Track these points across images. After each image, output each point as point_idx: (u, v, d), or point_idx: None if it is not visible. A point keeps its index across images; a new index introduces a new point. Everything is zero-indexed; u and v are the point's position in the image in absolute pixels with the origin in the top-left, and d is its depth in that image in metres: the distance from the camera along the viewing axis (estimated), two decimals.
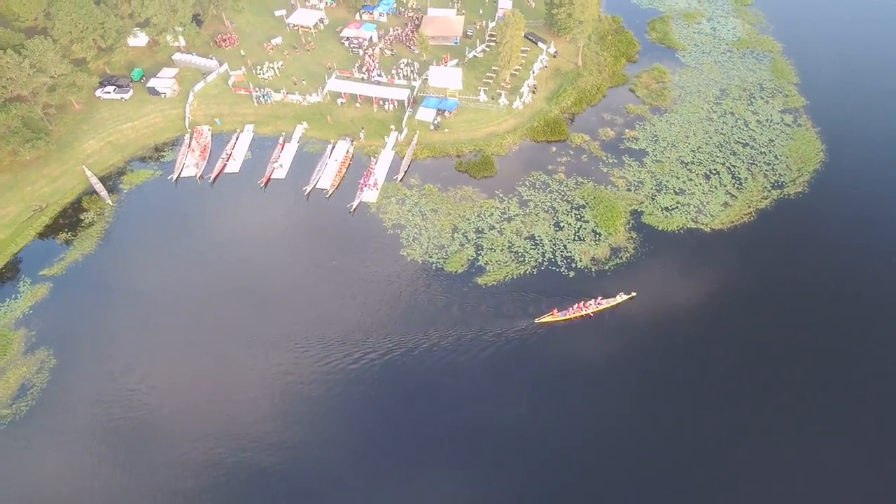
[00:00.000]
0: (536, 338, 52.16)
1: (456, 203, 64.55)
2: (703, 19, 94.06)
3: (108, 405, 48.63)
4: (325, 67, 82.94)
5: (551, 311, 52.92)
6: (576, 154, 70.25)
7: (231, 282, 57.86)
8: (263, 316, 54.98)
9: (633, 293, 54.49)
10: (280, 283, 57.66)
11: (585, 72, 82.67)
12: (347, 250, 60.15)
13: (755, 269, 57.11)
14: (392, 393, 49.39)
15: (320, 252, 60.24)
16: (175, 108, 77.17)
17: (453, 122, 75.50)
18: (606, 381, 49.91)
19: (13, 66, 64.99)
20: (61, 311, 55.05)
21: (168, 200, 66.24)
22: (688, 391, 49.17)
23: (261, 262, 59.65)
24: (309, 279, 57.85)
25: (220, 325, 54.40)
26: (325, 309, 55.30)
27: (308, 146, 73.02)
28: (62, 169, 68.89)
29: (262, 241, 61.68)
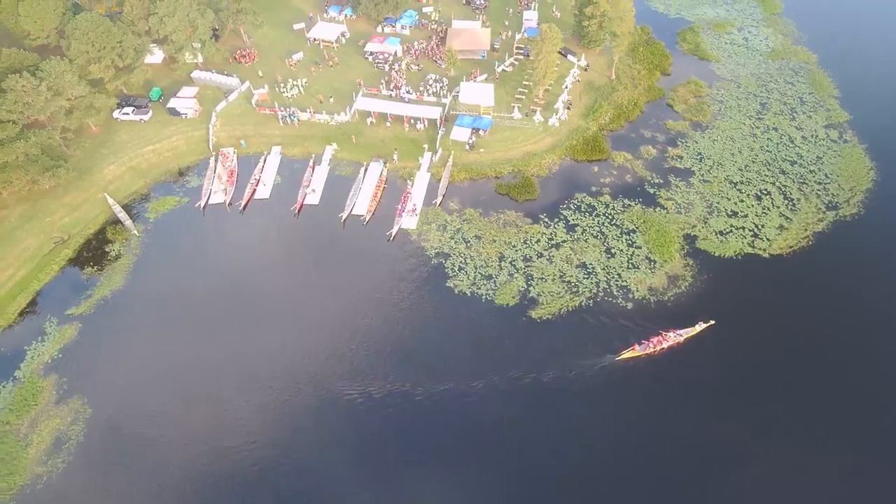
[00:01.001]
0: (620, 375, 49.43)
1: (500, 229, 61.83)
2: (734, 29, 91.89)
3: (149, 459, 45.65)
4: (351, 84, 79.98)
5: (631, 347, 50.54)
6: (619, 174, 67.74)
7: (270, 318, 54.85)
8: (307, 355, 52.03)
9: (711, 321, 52.16)
10: (321, 319, 54.74)
11: (620, 86, 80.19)
12: (391, 282, 57.28)
13: (824, 295, 54.62)
14: (456, 439, 46.72)
15: (362, 284, 57.27)
16: (197, 129, 73.94)
17: (488, 141, 72.76)
18: (706, 416, 47.34)
19: (30, 90, 61.60)
20: (93, 353, 51.85)
21: (197, 230, 63.08)
22: (797, 426, 46.67)
23: (300, 295, 56.71)
24: (352, 314, 54.85)
25: (261, 365, 51.42)
26: (372, 346, 52.42)
27: (339, 169, 70.05)
28: (83, 197, 65.54)
29: (300, 273, 58.67)
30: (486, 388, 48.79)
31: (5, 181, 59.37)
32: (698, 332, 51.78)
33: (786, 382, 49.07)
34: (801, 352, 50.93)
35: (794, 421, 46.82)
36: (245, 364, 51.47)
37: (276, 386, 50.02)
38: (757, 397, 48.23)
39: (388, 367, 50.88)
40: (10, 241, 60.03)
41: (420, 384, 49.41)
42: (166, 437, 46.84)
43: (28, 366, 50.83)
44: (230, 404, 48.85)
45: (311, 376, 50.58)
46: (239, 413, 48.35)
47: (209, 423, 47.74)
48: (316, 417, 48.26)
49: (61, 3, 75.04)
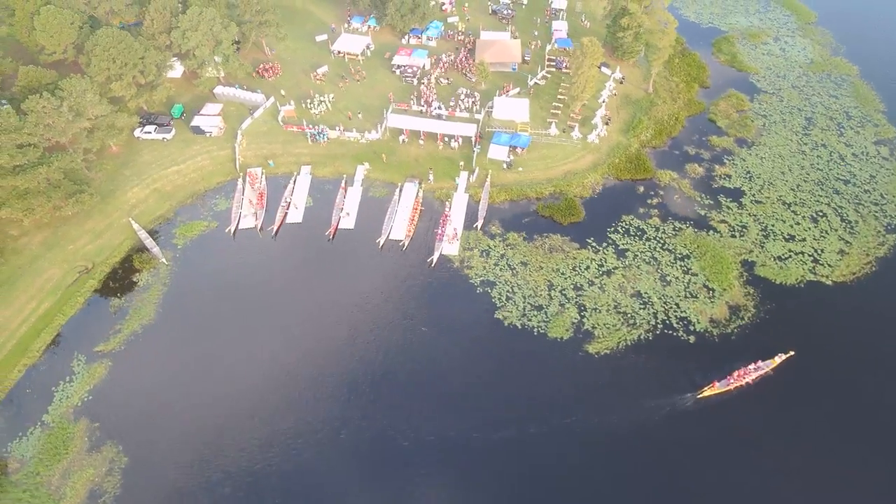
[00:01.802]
0: (704, 416, 46.63)
1: (546, 255, 58.98)
2: (770, 39, 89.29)
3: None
4: (380, 99, 76.83)
5: (711, 384, 47.81)
6: (666, 194, 64.98)
7: (309, 352, 51.90)
8: (351, 391, 49.12)
9: (790, 352, 49.60)
10: (363, 353, 51.75)
11: (658, 100, 77.46)
12: (436, 313, 54.36)
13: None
14: (514, 494, 43.73)
15: (405, 315, 54.34)
16: (223, 148, 70.91)
17: (526, 159, 69.89)
18: (802, 453, 44.79)
19: (51, 111, 58.49)
20: (125, 394, 48.78)
21: (228, 257, 60.01)
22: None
23: (339, 328, 53.65)
24: (397, 349, 51.89)
25: (303, 403, 48.49)
26: (418, 385, 49.46)
27: (373, 190, 67.09)
28: (106, 222, 62.45)
29: (338, 303, 55.59)
30: (549, 434, 45.89)
31: (27, 208, 56.23)
32: (778, 364, 49.17)
33: (877, 416, 46.53)
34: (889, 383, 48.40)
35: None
36: (290, 404, 48.48)
37: (320, 426, 47.05)
38: (855, 433, 45.73)
39: (437, 409, 47.94)
40: (32, 272, 56.93)
41: (474, 429, 46.45)
42: (208, 487, 43.91)
43: (56, 409, 47.74)
44: (276, 447, 45.91)
45: (357, 415, 47.66)
46: (286, 456, 45.44)
47: (255, 469, 44.77)
48: (362, 459, 45.39)
49: (78, 17, 72.01)
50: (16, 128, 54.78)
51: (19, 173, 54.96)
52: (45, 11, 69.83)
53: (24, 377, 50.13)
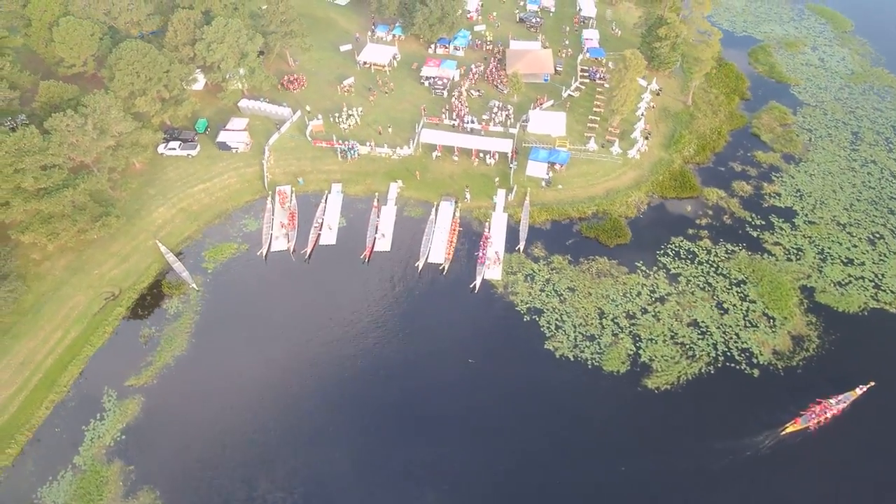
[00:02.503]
0: (792, 453, 44.08)
1: (594, 280, 56.42)
2: (807, 48, 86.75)
3: None
4: (409, 112, 74.25)
5: (793, 421, 45.34)
6: (715, 214, 62.40)
7: (350, 384, 49.32)
8: (397, 430, 46.55)
9: (871, 382, 47.23)
10: (407, 387, 49.19)
11: (699, 113, 74.86)
12: (481, 343, 51.80)
13: None
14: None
15: (449, 345, 51.76)
16: (250, 164, 68.25)
17: (565, 176, 67.28)
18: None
19: (75, 130, 55.85)
20: (161, 434, 46.19)
21: (261, 282, 57.36)
22: None
23: (381, 359, 51.04)
24: (443, 384, 49.29)
25: (346, 443, 45.94)
26: (470, 423, 46.77)
27: (408, 209, 64.45)
28: (132, 245, 59.81)
29: (378, 331, 52.96)
30: (611, 479, 43.32)
31: (51, 233, 53.51)
32: (858, 395, 46.75)
33: None
34: None
35: None
36: (333, 440, 45.92)
37: (366, 464, 44.52)
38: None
39: (490, 452, 45.25)
40: (56, 299, 54.29)
41: (526, 472, 43.93)
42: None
43: (88, 450, 45.11)
44: (322, 484, 43.34)
45: (403, 452, 45.09)
46: (332, 493, 42.88)
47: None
48: (409, 499, 42.90)
49: (98, 28, 69.35)
50: (40, 149, 52.05)
51: (44, 196, 52.26)
52: (64, 22, 67.19)
53: (52, 414, 47.51)
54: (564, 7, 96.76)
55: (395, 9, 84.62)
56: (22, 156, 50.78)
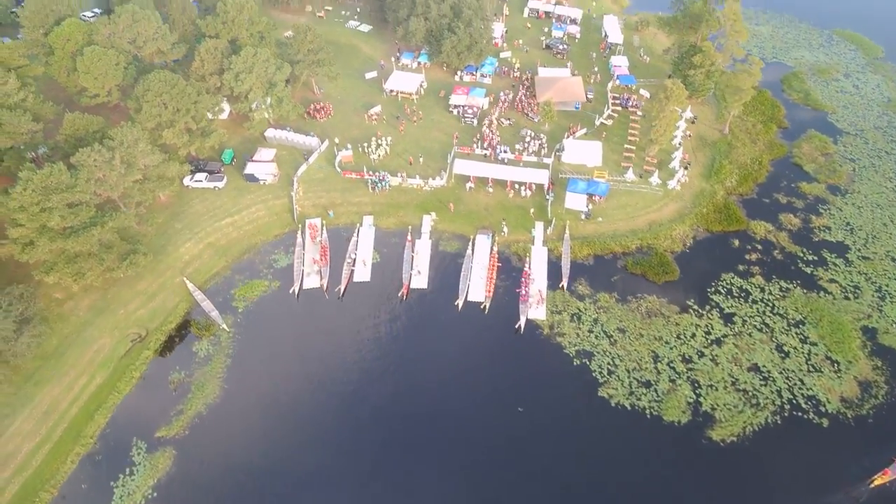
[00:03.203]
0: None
1: (644, 319, 53.82)
2: (840, 75, 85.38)
3: None
4: (439, 141, 72.28)
5: (883, 472, 42.37)
6: (765, 249, 60.03)
7: (394, 434, 46.34)
8: (441, 483, 43.48)
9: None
10: (453, 436, 46.19)
11: (737, 142, 72.95)
12: (530, 389, 48.90)
13: None
14: None
15: (496, 391, 48.91)
16: (278, 197, 66.07)
17: (604, 208, 65.09)
18: None
19: (102, 164, 53.72)
20: (195, 491, 43.03)
21: (295, 323, 54.72)
22: None
23: (423, 405, 48.13)
24: (492, 434, 46.25)
25: (390, 493, 42.89)
26: (524, 480, 43.71)
27: (443, 243, 62.10)
28: (158, 282, 57.29)
29: (419, 375, 50.10)
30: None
31: (77, 273, 50.95)
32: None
33: None
34: None
35: None
36: (378, 490, 42.90)
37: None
38: None
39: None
40: (80, 342, 51.56)
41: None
42: None
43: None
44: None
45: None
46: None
47: None
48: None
49: (123, 58, 67.81)
50: (67, 186, 49.78)
51: (70, 235, 49.85)
52: (89, 52, 65.57)
53: (78, 469, 44.46)
54: (590, 33, 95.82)
55: (421, 37, 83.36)
56: (49, 194, 48.48)
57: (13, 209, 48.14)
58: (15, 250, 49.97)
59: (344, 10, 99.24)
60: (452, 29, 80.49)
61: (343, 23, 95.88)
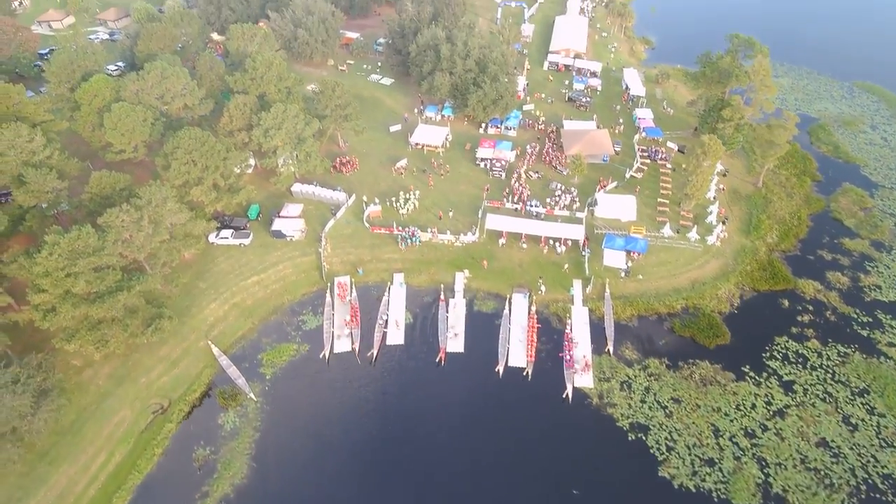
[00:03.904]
0: None
1: (699, 388, 50.61)
2: (866, 127, 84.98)
3: None
4: (467, 195, 70.79)
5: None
6: (816, 310, 57.43)
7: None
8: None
9: None
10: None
11: (772, 195, 71.44)
12: (584, 468, 45.18)
13: None
14: None
15: (546, 469, 45.32)
16: (306, 253, 63.97)
17: (644, 265, 62.84)
18: None
19: (130, 225, 51.78)
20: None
21: (326, 391, 51.36)
22: None
23: (467, 482, 44.38)
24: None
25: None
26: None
27: (478, 303, 59.57)
28: (182, 347, 54.38)
29: (460, 449, 46.64)
30: None
31: (100, 340, 48.18)
32: None
33: None
34: None
35: None
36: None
37: None
38: None
39: None
40: (99, 415, 48.21)
41: None
42: None
43: None
44: None
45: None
46: None
47: None
48: None
49: (150, 114, 67.06)
50: (95, 249, 47.69)
51: (95, 301, 47.38)
52: (116, 108, 64.83)
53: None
54: (610, 85, 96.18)
55: (446, 91, 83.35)
56: (76, 258, 46.30)
57: (37, 274, 45.85)
58: (36, 317, 47.40)
59: (365, 63, 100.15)
60: (478, 83, 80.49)
61: (365, 76, 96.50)
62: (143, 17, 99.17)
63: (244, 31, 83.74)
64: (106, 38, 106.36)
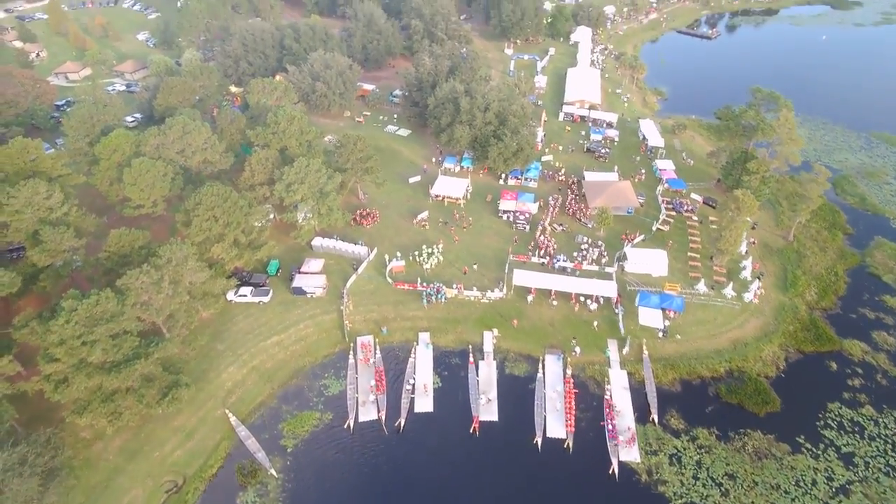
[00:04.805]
0: None
1: (754, 462, 47.09)
2: (890, 178, 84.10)
3: None
4: (492, 249, 68.82)
5: None
6: (866, 373, 54.56)
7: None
8: None
9: None
10: None
11: (805, 250, 69.55)
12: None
13: None
14: None
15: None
16: (327, 311, 61.43)
17: (681, 323, 60.26)
18: None
19: (150, 286, 49.43)
20: None
21: (352, 465, 47.69)
22: None
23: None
24: None
25: None
26: None
27: (509, 365, 56.65)
28: (198, 416, 51.03)
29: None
30: None
31: (113, 413, 45.02)
32: None
33: None
34: None
35: None
36: None
37: None
38: None
39: None
40: (109, 494, 44.43)
41: None
42: None
43: None
44: None
45: None
46: None
47: None
48: None
49: (170, 169, 65.96)
50: (114, 314, 45.12)
51: (111, 371, 44.50)
52: (137, 164, 63.72)
53: None
54: (627, 136, 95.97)
55: (466, 143, 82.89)
56: (93, 325, 43.72)
57: (51, 343, 43.14)
58: (47, 388, 44.41)
59: (382, 114, 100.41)
60: (499, 136, 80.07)
61: (381, 127, 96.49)
62: (161, 70, 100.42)
63: (264, 84, 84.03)
64: (123, 89, 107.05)
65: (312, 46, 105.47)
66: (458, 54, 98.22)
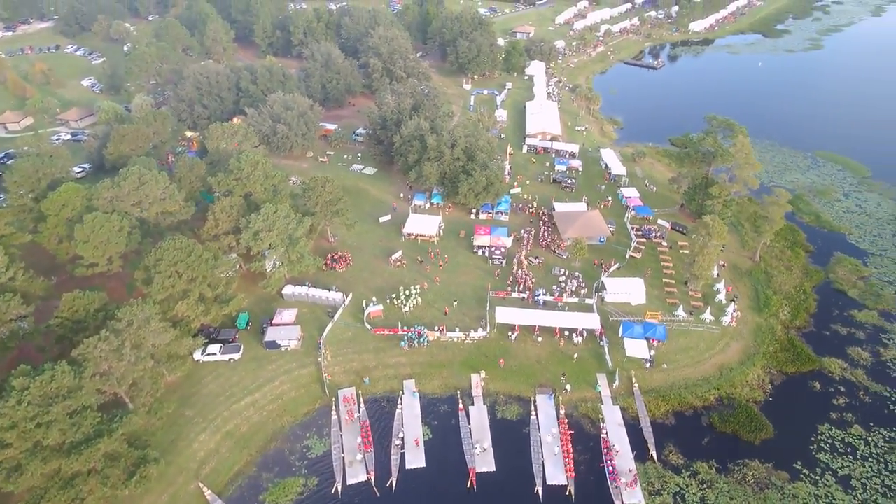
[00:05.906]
0: None
1: (757, 494, 46.35)
2: (840, 195, 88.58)
3: None
4: (468, 286, 67.57)
5: None
6: (848, 391, 55.51)
7: None
8: None
9: None
10: None
11: (772, 269, 71.50)
12: None
13: None
14: None
15: None
16: (304, 364, 58.06)
17: (665, 351, 60.16)
18: None
19: (110, 354, 45.22)
20: None
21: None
22: None
23: None
24: None
25: None
26: None
27: (500, 408, 54.68)
28: (169, 493, 46.31)
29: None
30: None
31: (74, 500, 39.96)
32: None
33: None
34: None
35: None
36: None
37: None
38: None
39: None
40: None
41: None
42: None
43: None
44: None
45: None
46: None
47: None
48: None
49: (126, 222, 61.87)
50: (70, 390, 40.70)
51: (70, 453, 39.88)
52: (89, 219, 59.46)
53: None
54: (589, 165, 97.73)
55: (435, 179, 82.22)
56: (49, 404, 39.27)
57: (2, 427, 38.32)
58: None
59: (346, 153, 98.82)
60: (468, 171, 79.81)
61: (346, 166, 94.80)
62: (110, 117, 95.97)
63: (223, 129, 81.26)
64: (69, 138, 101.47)
65: (271, 88, 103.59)
66: (419, 91, 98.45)
